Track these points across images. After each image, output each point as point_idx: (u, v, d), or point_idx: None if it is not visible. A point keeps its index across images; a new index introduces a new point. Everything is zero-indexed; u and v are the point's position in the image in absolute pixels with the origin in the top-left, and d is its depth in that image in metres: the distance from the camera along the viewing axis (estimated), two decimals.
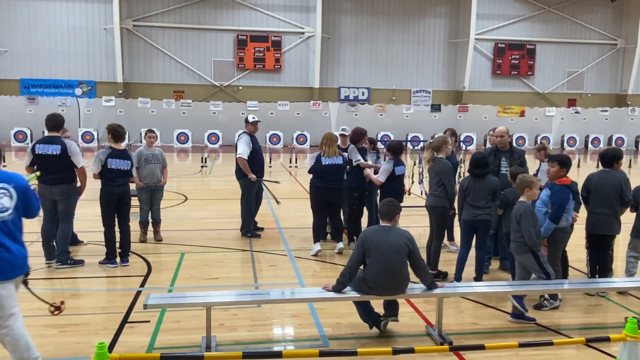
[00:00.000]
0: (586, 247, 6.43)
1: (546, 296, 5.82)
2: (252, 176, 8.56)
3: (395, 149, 7.70)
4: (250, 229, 8.84)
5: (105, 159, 7.04)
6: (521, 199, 5.62)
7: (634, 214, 6.24)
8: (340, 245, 7.88)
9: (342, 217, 8.38)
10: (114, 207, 7.16)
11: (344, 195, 7.95)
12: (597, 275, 6.34)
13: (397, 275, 4.78)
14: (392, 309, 5.11)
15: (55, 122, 6.99)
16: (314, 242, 7.87)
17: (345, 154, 8.06)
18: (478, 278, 6.43)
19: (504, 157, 7.10)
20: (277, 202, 10.19)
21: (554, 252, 5.87)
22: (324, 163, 7.65)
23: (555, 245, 5.87)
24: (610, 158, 6.25)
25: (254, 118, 8.93)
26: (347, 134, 8.66)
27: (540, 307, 5.80)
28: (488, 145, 7.97)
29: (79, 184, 7.17)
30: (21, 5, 28.26)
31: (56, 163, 6.87)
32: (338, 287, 4.86)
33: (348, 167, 7.98)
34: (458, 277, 6.45)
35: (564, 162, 5.89)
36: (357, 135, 8.29)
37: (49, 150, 6.86)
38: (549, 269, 5.47)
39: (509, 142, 7.25)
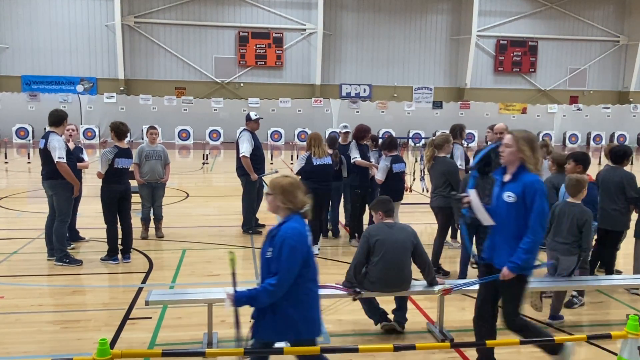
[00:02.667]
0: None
1: (574, 293, 5.83)
2: (254, 176, 8.56)
3: (388, 144, 7.63)
4: (251, 225, 8.84)
5: (113, 159, 7.03)
6: (574, 200, 5.36)
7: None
8: (315, 250, 7.77)
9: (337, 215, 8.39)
10: (115, 204, 7.16)
11: (330, 195, 7.92)
12: (595, 271, 6.40)
13: (401, 272, 4.79)
14: (400, 314, 5.09)
15: (51, 117, 7.00)
16: (313, 244, 7.84)
17: (335, 152, 8.10)
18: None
19: None
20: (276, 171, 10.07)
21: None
22: (315, 163, 7.59)
23: None
24: (622, 154, 6.30)
25: (256, 115, 8.91)
26: (348, 130, 8.66)
27: (571, 305, 5.83)
28: (489, 142, 7.94)
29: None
30: (22, 1, 28.24)
31: (42, 156, 6.93)
32: (347, 286, 4.87)
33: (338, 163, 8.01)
34: (464, 276, 6.44)
35: (579, 159, 5.92)
36: (361, 132, 8.27)
37: (40, 145, 6.95)
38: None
39: None
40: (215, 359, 4.47)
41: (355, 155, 8.04)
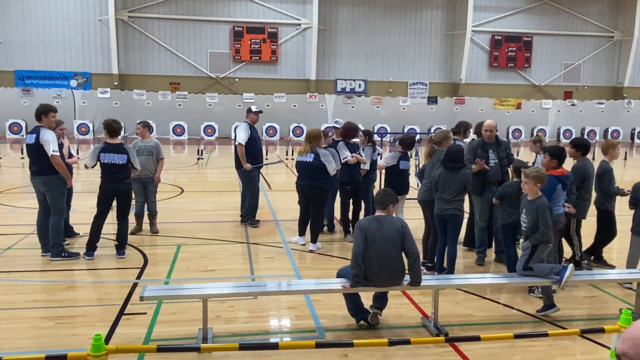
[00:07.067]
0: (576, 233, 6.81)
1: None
2: (247, 165, 8.61)
3: (408, 144, 7.68)
4: (253, 216, 8.91)
5: (98, 154, 7.01)
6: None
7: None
8: (312, 246, 7.68)
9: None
10: (109, 202, 7.14)
11: (320, 194, 7.65)
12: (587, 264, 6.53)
13: (393, 266, 4.78)
14: (380, 302, 5.10)
15: (36, 111, 6.94)
16: (298, 235, 7.97)
17: (323, 150, 7.88)
18: (450, 272, 6.37)
19: (491, 149, 7.10)
20: (269, 186, 10.17)
21: None
22: (297, 159, 7.71)
23: None
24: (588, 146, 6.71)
25: (256, 108, 9.07)
26: (339, 126, 8.63)
27: (532, 291, 5.95)
28: (474, 137, 7.94)
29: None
30: None
31: (32, 153, 6.85)
32: (355, 280, 4.72)
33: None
34: (439, 269, 6.47)
35: (553, 153, 5.94)
36: (349, 132, 8.11)
37: (29, 140, 6.87)
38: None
39: (495, 135, 7.24)
40: (210, 354, 4.49)
41: (346, 155, 7.92)
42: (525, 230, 5.45)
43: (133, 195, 7.94)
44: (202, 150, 19.97)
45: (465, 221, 6.94)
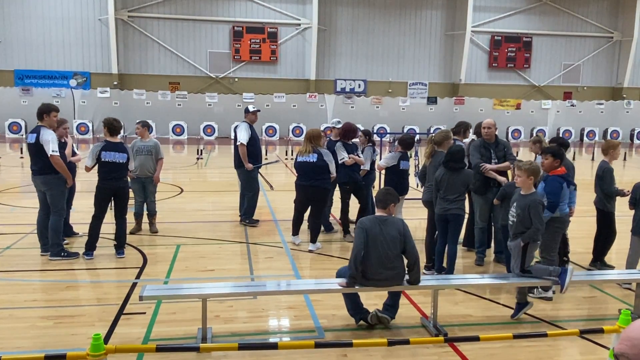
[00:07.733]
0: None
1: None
2: (249, 165, 8.63)
3: (407, 144, 7.71)
4: (251, 216, 8.92)
5: (99, 152, 7.00)
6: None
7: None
8: (311, 247, 7.65)
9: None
10: (107, 201, 7.13)
11: (322, 194, 7.63)
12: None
13: (393, 267, 4.78)
14: (391, 311, 5.09)
15: (38, 110, 6.94)
16: (292, 234, 7.94)
17: (325, 150, 7.78)
18: (450, 271, 6.38)
19: (491, 149, 7.11)
20: (271, 187, 10.23)
21: (548, 242, 5.87)
22: (297, 160, 7.60)
23: (550, 235, 5.87)
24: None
25: (254, 108, 9.08)
26: (339, 127, 8.63)
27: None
28: (473, 137, 7.95)
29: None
30: None
31: (33, 152, 6.86)
32: (351, 281, 4.77)
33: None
34: (438, 269, 6.48)
35: (556, 154, 5.93)
36: (348, 133, 8.13)
37: (29, 140, 6.89)
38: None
39: (495, 134, 7.25)
40: (209, 354, 4.48)
41: (344, 156, 7.92)
42: (513, 224, 5.40)
43: (131, 195, 7.95)
44: (201, 150, 19.97)
45: (464, 221, 6.95)
